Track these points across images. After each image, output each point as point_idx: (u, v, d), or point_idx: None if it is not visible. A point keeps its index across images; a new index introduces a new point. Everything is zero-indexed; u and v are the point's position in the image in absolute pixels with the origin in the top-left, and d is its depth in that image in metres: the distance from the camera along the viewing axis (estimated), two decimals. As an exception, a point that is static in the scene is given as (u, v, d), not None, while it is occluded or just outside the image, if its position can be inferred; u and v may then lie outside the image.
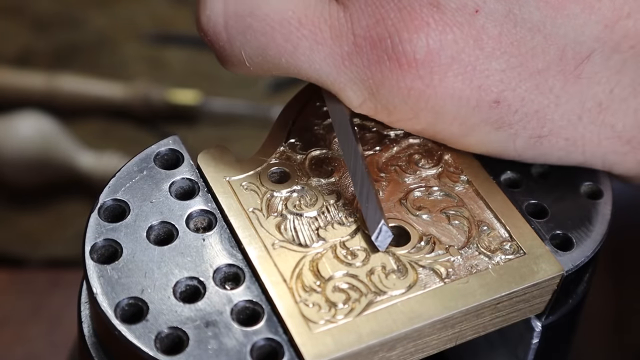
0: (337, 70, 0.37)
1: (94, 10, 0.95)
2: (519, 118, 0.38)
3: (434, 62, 0.36)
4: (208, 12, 0.37)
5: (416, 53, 0.36)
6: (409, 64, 0.36)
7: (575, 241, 0.38)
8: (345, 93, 0.38)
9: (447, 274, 0.36)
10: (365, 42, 0.36)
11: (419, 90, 0.37)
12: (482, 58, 0.37)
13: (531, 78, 0.37)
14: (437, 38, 0.36)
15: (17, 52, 0.91)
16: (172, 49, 0.92)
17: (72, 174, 0.82)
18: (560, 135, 0.39)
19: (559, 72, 0.38)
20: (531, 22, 0.37)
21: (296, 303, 0.35)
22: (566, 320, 0.41)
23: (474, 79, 0.37)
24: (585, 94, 0.38)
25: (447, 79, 0.37)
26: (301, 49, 0.37)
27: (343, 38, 0.36)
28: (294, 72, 0.38)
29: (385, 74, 0.36)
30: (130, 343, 0.33)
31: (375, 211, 0.37)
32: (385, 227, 0.36)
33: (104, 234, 0.36)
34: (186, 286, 0.35)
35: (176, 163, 0.39)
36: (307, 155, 0.40)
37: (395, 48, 0.36)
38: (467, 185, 0.40)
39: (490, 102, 0.37)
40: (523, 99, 0.38)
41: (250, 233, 0.37)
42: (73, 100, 0.87)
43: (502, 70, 0.37)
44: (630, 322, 0.65)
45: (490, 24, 0.36)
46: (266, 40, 0.37)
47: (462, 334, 0.37)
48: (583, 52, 0.37)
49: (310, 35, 0.37)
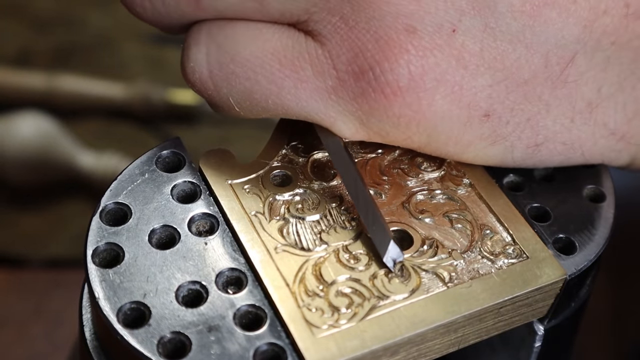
0: (324, 105, 0.37)
1: (94, 10, 0.95)
2: (512, 129, 0.38)
3: (419, 87, 0.36)
4: (192, 64, 0.37)
5: (399, 81, 0.36)
6: (394, 93, 0.36)
7: (578, 245, 0.38)
8: (336, 125, 0.38)
9: (450, 278, 0.36)
10: (347, 76, 0.36)
11: (408, 117, 0.37)
12: (467, 76, 0.37)
13: (519, 89, 0.37)
14: (418, 63, 0.36)
15: (17, 52, 0.91)
16: (172, 49, 0.92)
17: (72, 174, 0.82)
18: (556, 140, 0.39)
19: (546, 79, 0.38)
20: (510, 33, 0.37)
21: (299, 307, 0.35)
22: (568, 323, 0.41)
23: (462, 97, 0.37)
24: (574, 97, 0.38)
25: (435, 102, 0.37)
26: (286, 88, 0.37)
27: (326, 74, 0.37)
28: (283, 112, 0.38)
29: (372, 105, 0.36)
30: (132, 348, 0.33)
31: (382, 233, 0.36)
32: (394, 247, 0.36)
33: (106, 238, 0.36)
34: (188, 290, 0.35)
35: (178, 166, 0.39)
36: (309, 158, 0.40)
37: (377, 79, 0.36)
38: (470, 189, 0.40)
39: (480, 117, 0.37)
40: (512, 109, 0.38)
41: (252, 237, 0.37)
42: (73, 100, 0.87)
43: (489, 86, 0.37)
44: (629, 321, 0.65)
45: (470, 41, 0.36)
46: (250, 84, 0.37)
47: (465, 338, 0.37)
48: (566, 55, 0.38)
49: (293, 75, 0.37)
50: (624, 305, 0.65)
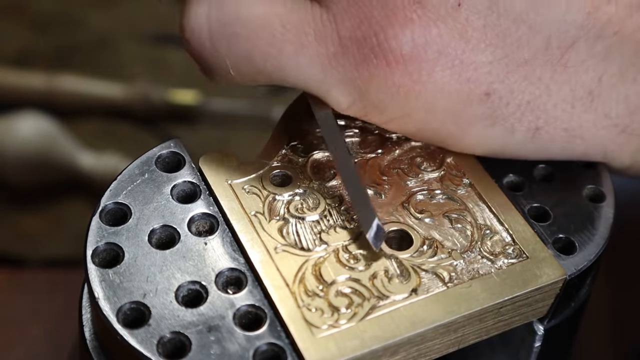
0: (323, 72, 0.37)
1: (94, 10, 0.94)
2: (512, 110, 0.38)
3: (420, 57, 0.36)
4: (192, 20, 0.37)
5: (402, 49, 0.36)
6: (396, 61, 0.36)
7: (578, 245, 0.38)
8: (332, 95, 0.37)
9: (450, 278, 0.36)
10: (350, 42, 0.36)
11: (408, 87, 0.37)
12: (468, 51, 0.37)
13: (519, 69, 0.38)
14: (421, 33, 0.36)
15: (17, 52, 0.91)
16: (172, 49, 0.92)
17: (72, 174, 0.82)
18: (557, 125, 0.39)
19: (546, 62, 0.38)
20: (514, 12, 0.37)
21: (299, 307, 0.35)
22: (568, 323, 0.41)
23: (462, 72, 0.37)
24: (574, 83, 0.38)
25: (435, 74, 0.37)
26: (286, 52, 0.36)
27: (328, 39, 0.36)
28: (279, 78, 0.37)
29: (373, 72, 0.36)
30: (132, 348, 0.33)
31: (368, 210, 0.36)
32: (379, 224, 0.36)
33: (106, 238, 0.36)
34: (188, 290, 0.35)
35: (178, 166, 0.39)
36: (308, 158, 0.40)
37: (381, 45, 0.36)
38: (470, 189, 0.40)
39: (480, 94, 0.37)
40: (513, 90, 0.38)
41: (252, 237, 0.37)
42: (73, 100, 0.87)
43: (489, 62, 0.37)
44: (629, 321, 0.65)
45: (474, 17, 0.37)
46: (250, 46, 0.37)
47: (465, 338, 0.37)
48: (567, 40, 0.38)
49: (295, 39, 0.36)
50: (624, 305, 0.65)
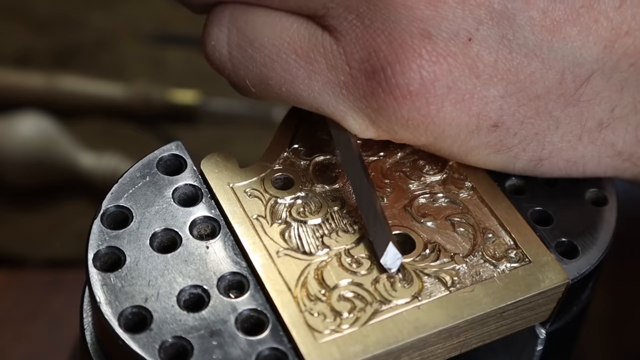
0: (335, 99, 0.37)
1: (94, 10, 0.94)
2: (518, 141, 0.38)
3: (429, 93, 0.36)
4: (213, 42, 0.38)
5: (410, 85, 0.36)
6: (403, 97, 0.36)
7: (581, 249, 0.38)
8: (346, 120, 0.38)
9: (453, 282, 0.36)
10: (359, 73, 0.36)
11: (416, 120, 0.37)
12: (479, 86, 0.36)
13: (530, 103, 0.37)
14: (430, 69, 0.36)
15: (17, 52, 0.91)
16: (172, 49, 0.92)
17: (72, 174, 0.82)
18: (560, 156, 0.39)
19: (559, 96, 0.37)
20: (527, 47, 0.36)
21: (301, 312, 0.34)
22: (570, 327, 0.41)
23: (472, 106, 0.37)
24: (585, 115, 0.38)
25: (444, 109, 0.36)
26: (299, 78, 0.37)
27: (339, 69, 0.37)
28: (295, 101, 0.38)
29: (381, 105, 0.36)
30: (134, 353, 0.33)
31: (383, 233, 0.36)
32: (393, 249, 0.36)
33: (107, 242, 0.36)
34: (190, 294, 0.35)
35: (179, 169, 0.39)
36: (311, 161, 0.40)
37: (388, 81, 0.36)
38: (472, 192, 0.39)
39: (488, 126, 0.37)
40: (522, 122, 0.37)
41: (254, 240, 0.37)
42: (73, 100, 0.87)
43: (500, 97, 0.37)
44: (630, 324, 0.65)
45: (485, 52, 0.36)
46: (266, 70, 0.38)
47: (468, 343, 0.36)
48: (582, 74, 0.37)
49: (307, 66, 0.37)
50: (625, 309, 0.65)
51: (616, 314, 0.65)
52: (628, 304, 0.66)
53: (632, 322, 0.65)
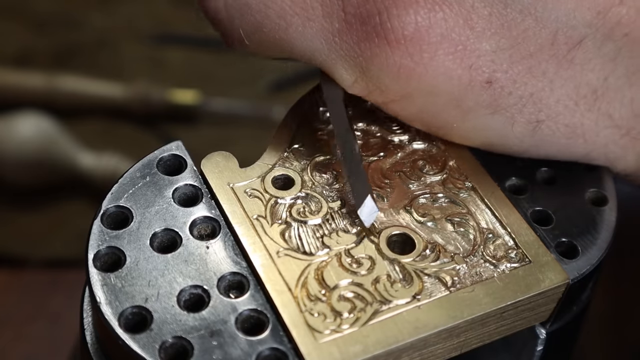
0: (328, 47, 0.37)
1: (94, 10, 0.95)
2: (513, 101, 0.38)
3: (422, 39, 0.36)
4: None
5: (404, 30, 0.36)
6: (397, 41, 0.36)
7: (581, 249, 0.38)
8: (337, 71, 0.38)
9: (453, 282, 0.36)
10: (354, 19, 0.37)
11: (409, 68, 0.37)
12: (472, 38, 0.37)
13: (523, 61, 0.37)
14: (426, 16, 0.36)
15: (17, 52, 0.91)
16: (172, 49, 0.92)
17: (72, 174, 0.82)
18: (558, 120, 0.39)
19: (552, 56, 0.38)
20: (522, 4, 0.37)
21: (301, 312, 0.34)
22: (570, 327, 0.41)
23: (465, 58, 0.37)
24: (579, 80, 0.38)
25: (437, 57, 0.37)
26: (294, 25, 0.37)
27: (334, 15, 0.37)
28: (288, 50, 0.38)
29: (374, 51, 0.37)
30: (134, 353, 0.33)
31: (362, 186, 0.37)
32: (371, 201, 0.36)
33: (107, 242, 0.36)
34: (190, 295, 0.35)
35: (179, 169, 0.39)
36: (311, 161, 0.40)
37: (383, 25, 0.36)
38: (472, 192, 0.39)
39: (482, 82, 0.37)
40: (515, 81, 0.38)
41: (254, 241, 0.37)
42: (73, 100, 0.87)
43: (492, 51, 0.37)
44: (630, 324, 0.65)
45: (480, 4, 0.37)
46: (261, 17, 0.38)
47: (468, 343, 0.36)
48: (575, 37, 0.37)
49: (302, 12, 0.37)
50: (625, 309, 0.65)
51: (616, 313, 0.65)
52: (628, 304, 0.66)
53: (632, 322, 0.65)
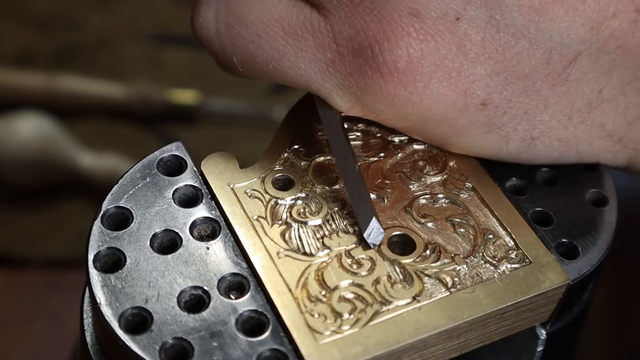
0: (322, 76, 0.38)
1: (94, 10, 0.94)
2: (508, 120, 0.38)
3: (416, 70, 0.36)
4: (201, 20, 0.38)
5: (397, 62, 0.36)
6: (390, 73, 0.36)
7: (581, 249, 0.38)
8: (332, 98, 0.38)
9: (453, 283, 0.36)
10: (347, 51, 0.37)
11: (403, 97, 0.37)
12: (466, 64, 0.37)
13: (518, 81, 0.37)
14: (418, 47, 0.36)
15: (17, 52, 0.91)
16: (172, 49, 0.92)
17: (72, 174, 0.82)
18: (552, 135, 0.39)
19: (546, 75, 0.38)
20: (514, 27, 0.37)
21: (301, 313, 0.34)
22: (570, 328, 0.41)
23: (459, 84, 0.37)
24: (573, 95, 0.38)
25: (431, 86, 0.37)
26: (287, 55, 0.38)
27: (326, 46, 0.37)
28: (282, 79, 0.38)
29: (368, 82, 0.37)
30: (134, 354, 0.33)
31: (366, 209, 0.37)
32: (377, 224, 0.36)
33: (107, 243, 0.36)
34: (190, 296, 0.35)
35: (179, 169, 0.39)
36: (311, 161, 0.40)
37: (376, 58, 0.36)
38: (472, 193, 0.39)
39: (477, 104, 0.38)
40: (510, 101, 0.38)
41: (254, 241, 0.37)
42: (73, 100, 0.87)
43: (487, 75, 0.37)
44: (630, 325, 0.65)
45: (473, 31, 0.37)
46: (254, 47, 0.38)
47: (468, 344, 0.36)
48: (569, 54, 0.37)
49: (294, 43, 0.37)
50: (625, 309, 0.65)
51: (616, 314, 0.65)
52: (628, 305, 0.66)
53: (632, 323, 0.65)
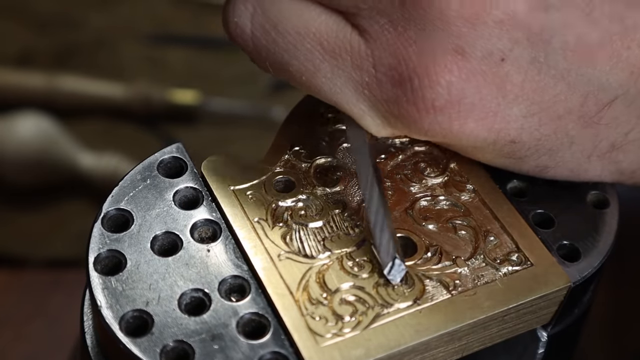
0: (357, 97, 0.37)
1: (94, 10, 0.94)
2: (530, 153, 0.38)
3: (453, 109, 0.36)
4: (236, 19, 0.37)
5: (436, 100, 0.35)
6: (426, 110, 0.36)
7: (582, 252, 0.38)
8: (364, 119, 0.37)
9: (455, 285, 0.36)
10: (385, 78, 0.36)
11: (436, 132, 0.36)
12: (503, 105, 0.36)
13: (551, 123, 0.37)
14: (459, 86, 0.35)
15: (17, 52, 0.91)
16: (172, 49, 0.92)
17: (72, 174, 0.82)
18: (565, 167, 0.39)
19: (579, 118, 0.37)
20: (556, 69, 0.36)
21: (302, 316, 0.34)
22: (571, 330, 0.40)
23: (495, 124, 0.36)
24: (600, 137, 0.38)
25: (466, 125, 0.36)
26: (322, 71, 0.37)
27: (364, 70, 0.36)
28: (315, 92, 0.37)
29: (403, 113, 0.36)
30: (135, 356, 0.33)
31: (388, 244, 0.36)
32: (398, 262, 0.35)
33: (108, 245, 0.36)
34: (191, 298, 0.35)
35: (180, 171, 0.39)
36: (312, 163, 0.40)
37: (415, 92, 0.35)
38: (474, 195, 0.39)
39: (507, 142, 0.37)
40: (539, 140, 0.37)
41: (255, 244, 0.36)
42: (73, 100, 0.87)
43: (522, 117, 0.36)
44: (631, 326, 0.65)
45: (515, 71, 0.36)
46: (289, 57, 0.37)
47: (469, 346, 0.36)
48: (605, 98, 0.37)
49: (332, 61, 0.36)
50: (626, 310, 0.65)
51: (617, 315, 0.65)
52: (629, 306, 0.66)
53: (633, 324, 0.65)
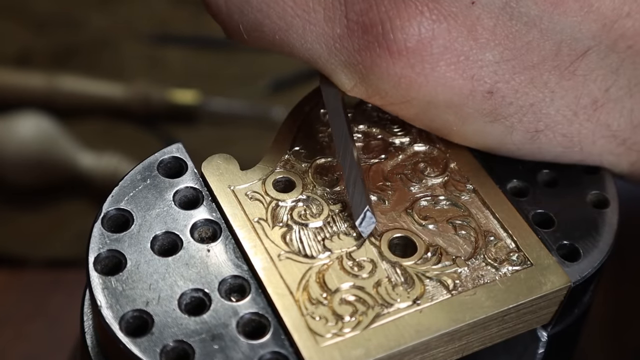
0: (328, 51, 0.37)
1: (94, 10, 0.94)
2: (513, 110, 0.38)
3: (425, 50, 0.36)
4: None
5: (407, 41, 0.36)
6: (399, 52, 0.36)
7: (582, 252, 0.38)
8: (336, 75, 0.38)
9: (454, 285, 0.36)
10: (357, 26, 0.36)
11: (409, 78, 0.37)
12: (475, 48, 0.37)
13: (526, 71, 0.37)
14: (430, 27, 0.36)
15: (17, 52, 0.91)
16: (172, 49, 0.92)
17: (72, 174, 0.82)
18: (556, 130, 0.39)
19: (554, 68, 0.38)
20: (528, 16, 0.36)
21: (302, 316, 0.34)
22: (571, 330, 0.41)
23: (467, 69, 0.37)
24: (580, 90, 0.38)
25: (439, 68, 0.37)
26: (294, 27, 0.37)
27: (336, 21, 0.37)
28: (288, 50, 0.38)
29: (375, 60, 0.36)
30: (135, 356, 0.33)
31: (360, 196, 0.37)
32: (369, 214, 0.36)
33: (108, 245, 0.36)
34: (191, 298, 0.35)
35: (180, 171, 0.39)
36: (312, 163, 0.40)
37: (386, 35, 0.36)
38: (474, 195, 0.39)
39: (483, 92, 0.37)
40: (517, 91, 0.38)
41: (255, 244, 0.36)
42: (73, 100, 0.87)
43: (495, 62, 0.37)
44: (631, 325, 0.65)
45: (486, 16, 0.36)
46: (261, 16, 0.37)
47: (469, 346, 0.36)
48: (579, 49, 0.37)
49: (304, 15, 0.37)
50: (626, 310, 0.65)
51: (617, 315, 0.65)
52: (629, 305, 0.66)
53: (633, 321, 0.65)
